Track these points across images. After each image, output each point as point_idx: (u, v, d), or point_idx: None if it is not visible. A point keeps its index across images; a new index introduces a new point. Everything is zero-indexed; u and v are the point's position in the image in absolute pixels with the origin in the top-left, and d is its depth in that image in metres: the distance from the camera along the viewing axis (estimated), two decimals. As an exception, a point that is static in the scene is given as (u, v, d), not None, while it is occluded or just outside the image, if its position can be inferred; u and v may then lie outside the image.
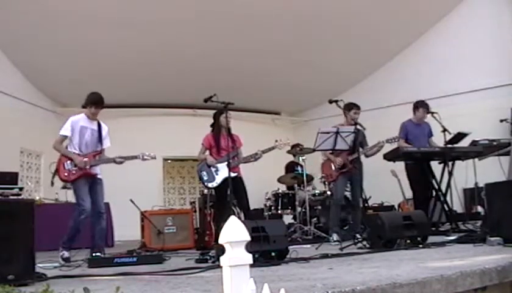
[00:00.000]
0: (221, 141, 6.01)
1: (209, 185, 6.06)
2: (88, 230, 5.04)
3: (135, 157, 5.26)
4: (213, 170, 6.00)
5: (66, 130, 5.05)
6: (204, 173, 6.03)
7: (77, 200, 4.98)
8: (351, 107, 6.11)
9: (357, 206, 6.14)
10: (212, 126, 6.16)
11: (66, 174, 5.00)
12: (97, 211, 5.06)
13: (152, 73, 9.50)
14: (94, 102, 5.12)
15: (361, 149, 5.91)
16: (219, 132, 6.06)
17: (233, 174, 5.70)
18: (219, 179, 5.96)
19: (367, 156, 6.15)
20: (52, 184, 5.25)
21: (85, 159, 5.02)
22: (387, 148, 6.42)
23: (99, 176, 5.16)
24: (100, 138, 5.18)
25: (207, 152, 6.14)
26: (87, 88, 5.34)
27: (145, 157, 5.33)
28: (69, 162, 5.01)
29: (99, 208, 5.07)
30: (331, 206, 6.40)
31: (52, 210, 6.99)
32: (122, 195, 6.71)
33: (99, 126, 5.23)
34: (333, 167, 6.20)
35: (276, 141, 6.08)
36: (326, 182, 7.35)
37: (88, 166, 5.02)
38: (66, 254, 4.77)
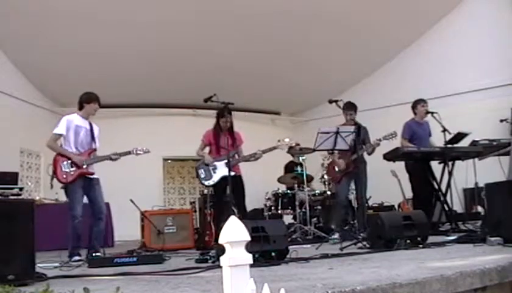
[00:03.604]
0: (221, 139, 6.01)
1: (206, 183, 6.07)
2: (87, 230, 5.03)
3: (129, 153, 5.27)
4: (211, 168, 6.01)
5: (61, 129, 5.02)
6: (201, 170, 6.04)
7: (69, 205, 4.96)
8: (349, 108, 6.13)
9: (361, 205, 6.14)
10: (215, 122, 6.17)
11: (64, 176, 4.96)
12: (97, 212, 5.04)
13: (152, 73, 9.50)
14: (97, 99, 5.16)
15: (363, 147, 5.93)
16: (219, 131, 6.06)
17: (232, 173, 5.70)
18: (216, 178, 5.96)
19: (369, 154, 6.16)
20: (52, 186, 5.26)
21: (82, 157, 5.01)
22: (387, 147, 6.42)
23: (95, 176, 5.12)
24: (93, 137, 5.19)
25: (207, 149, 6.13)
26: (87, 88, 5.35)
27: (139, 152, 5.34)
28: (65, 162, 4.96)
29: (99, 209, 5.05)
30: (335, 207, 6.40)
31: (52, 210, 6.99)
32: (122, 195, 6.71)
33: (91, 125, 5.24)
34: (336, 169, 6.23)
35: (278, 141, 6.07)
36: (327, 183, 7.42)
37: (85, 165, 5.00)
38: (77, 257, 4.75)
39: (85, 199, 5.14)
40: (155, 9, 7.88)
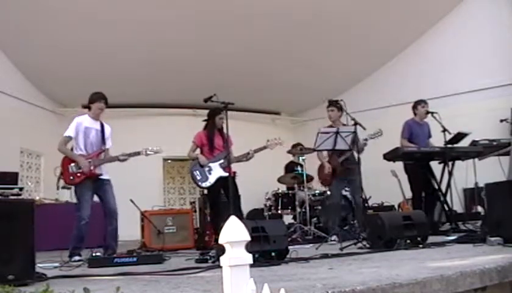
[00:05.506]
0: (215, 140, 5.99)
1: (203, 185, 6.04)
2: (91, 231, 5.02)
3: (138, 153, 5.27)
4: (206, 169, 5.97)
5: (70, 132, 5.08)
6: (197, 172, 6.00)
7: (77, 205, 4.99)
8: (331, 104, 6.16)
9: (358, 206, 6.14)
10: (206, 123, 6.15)
11: (71, 177, 5.02)
12: (110, 212, 5.06)
13: (152, 73, 9.50)
14: (103, 97, 5.17)
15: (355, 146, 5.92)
16: (213, 131, 6.04)
17: (226, 174, 5.69)
18: (212, 179, 5.94)
19: (358, 153, 6.14)
20: (58, 187, 5.27)
21: (89, 160, 5.03)
22: (386, 147, 6.42)
23: (105, 177, 5.16)
24: (103, 138, 5.21)
25: (198, 151, 6.11)
26: (87, 88, 5.36)
27: (149, 152, 5.34)
28: (73, 164, 5.02)
29: (111, 208, 5.07)
30: (329, 208, 6.39)
31: (52, 210, 7.00)
32: (122, 195, 6.65)
33: (102, 126, 5.26)
34: (326, 171, 6.24)
35: (268, 140, 6.07)
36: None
37: (92, 167, 5.02)
38: (77, 258, 4.78)
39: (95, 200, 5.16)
40: (155, 9, 7.88)
